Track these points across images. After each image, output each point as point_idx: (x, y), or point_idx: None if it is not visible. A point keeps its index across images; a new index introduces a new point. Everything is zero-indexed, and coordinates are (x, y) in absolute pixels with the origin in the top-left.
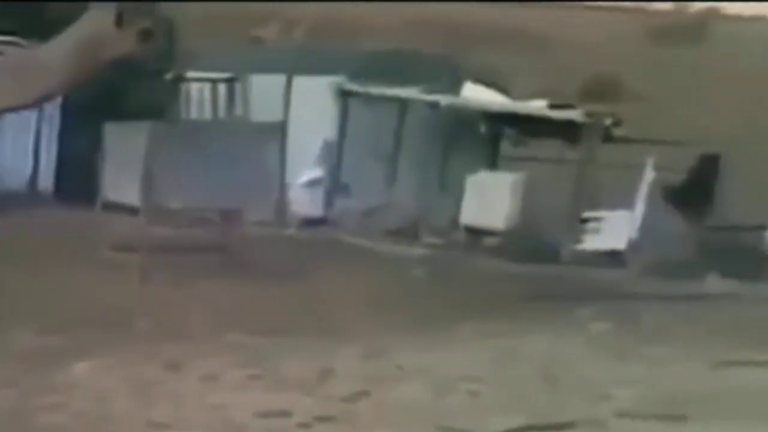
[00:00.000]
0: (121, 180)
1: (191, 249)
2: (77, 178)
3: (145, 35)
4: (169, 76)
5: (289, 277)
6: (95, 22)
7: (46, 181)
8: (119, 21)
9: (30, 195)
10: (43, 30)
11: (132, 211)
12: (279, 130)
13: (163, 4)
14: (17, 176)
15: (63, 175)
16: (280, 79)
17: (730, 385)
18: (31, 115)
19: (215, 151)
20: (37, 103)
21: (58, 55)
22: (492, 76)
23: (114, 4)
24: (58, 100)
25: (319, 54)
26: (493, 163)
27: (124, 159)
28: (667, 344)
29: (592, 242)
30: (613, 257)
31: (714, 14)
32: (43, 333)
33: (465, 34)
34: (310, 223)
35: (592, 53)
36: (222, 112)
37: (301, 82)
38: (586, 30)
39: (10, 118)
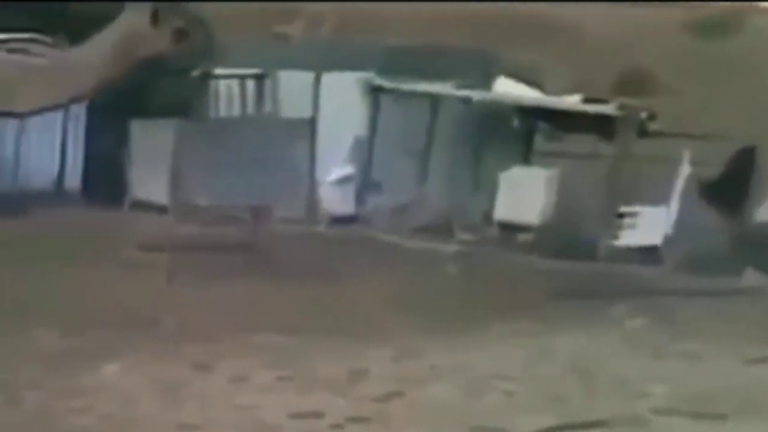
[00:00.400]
0: (148, 178)
1: (220, 247)
2: (104, 176)
3: (180, 35)
4: (196, 73)
5: (319, 275)
6: (131, 22)
7: (73, 180)
8: (155, 20)
9: (57, 194)
10: (67, 27)
11: (160, 209)
12: (308, 127)
13: (191, 3)
14: (44, 175)
15: (90, 174)
16: (308, 75)
17: (766, 382)
18: (57, 114)
19: (244, 148)
20: (73, 102)
21: (96, 55)
22: (525, 70)
23: (149, 4)
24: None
25: (349, 49)
26: (526, 159)
27: (152, 157)
28: (703, 341)
29: (627, 238)
30: (648, 253)
31: (751, 8)
32: (68, 334)
33: (497, 27)
34: (340, 220)
35: (627, 46)
36: (250, 108)
37: (330, 78)
38: (620, 23)
39: (36, 117)
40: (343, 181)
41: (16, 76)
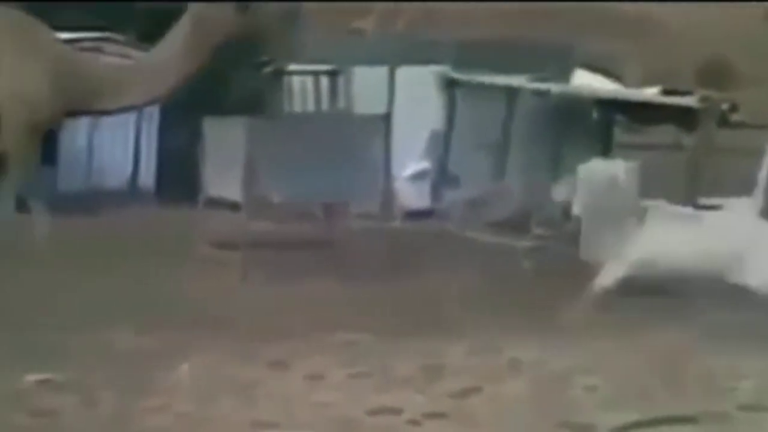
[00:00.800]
0: (222, 176)
1: (294, 245)
2: (177, 174)
3: (241, 8)
4: (269, 69)
5: (394, 271)
6: (195, 11)
7: (147, 178)
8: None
9: (130, 193)
10: (135, 24)
11: (234, 207)
12: (383, 122)
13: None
14: (118, 174)
15: (163, 172)
16: (383, 70)
17: None
18: (131, 113)
19: (318, 144)
20: (156, 101)
21: (172, 52)
22: (603, 62)
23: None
24: None
25: (423, 43)
26: (605, 151)
27: (225, 154)
28: None
29: None
30: None
31: None
32: (143, 333)
33: (574, 19)
34: (416, 215)
35: (708, 36)
36: (325, 105)
37: (405, 73)
38: (700, 12)
39: (109, 116)
40: (418, 176)
41: (107, 76)
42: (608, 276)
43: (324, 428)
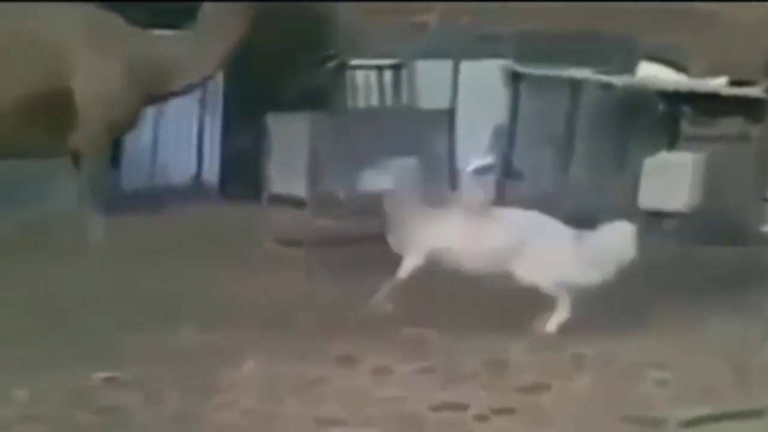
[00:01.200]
0: (286, 172)
1: (359, 240)
2: (241, 171)
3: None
4: (332, 64)
5: None
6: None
7: (210, 174)
8: None
9: (194, 190)
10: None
11: (298, 203)
12: (447, 117)
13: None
14: (181, 171)
15: (227, 168)
16: (446, 64)
17: None
18: (194, 109)
19: (382, 140)
20: (206, 80)
21: (210, 30)
22: (668, 53)
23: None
24: (220, 92)
25: (487, 37)
26: (672, 143)
27: (290, 150)
28: None
29: None
30: None
31: None
32: (208, 330)
33: (638, 11)
34: None
35: None
36: (388, 99)
37: (468, 67)
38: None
39: (172, 112)
40: (483, 170)
41: (171, 54)
42: (404, 267)
43: (390, 425)
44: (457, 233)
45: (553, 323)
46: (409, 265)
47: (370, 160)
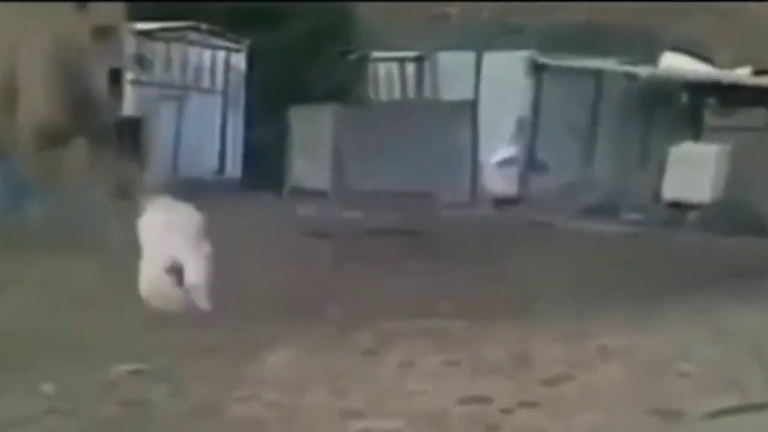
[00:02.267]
0: (309, 164)
1: (383, 233)
2: (264, 163)
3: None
4: (354, 56)
5: (483, 259)
6: None
7: (233, 167)
8: None
9: (217, 182)
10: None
11: (321, 195)
12: (470, 108)
13: None
14: (204, 164)
15: (250, 161)
16: (469, 55)
17: None
18: (216, 102)
19: (405, 132)
20: None
21: None
22: (691, 44)
23: None
24: (242, 86)
25: (510, 28)
26: (696, 135)
27: (312, 143)
28: None
29: None
30: None
31: None
32: (232, 323)
33: (660, 2)
34: (504, 202)
35: None
36: (411, 92)
37: (491, 58)
38: None
39: (194, 105)
40: (506, 162)
41: None
42: None
43: (415, 418)
44: None
45: None
46: None
47: (393, 152)
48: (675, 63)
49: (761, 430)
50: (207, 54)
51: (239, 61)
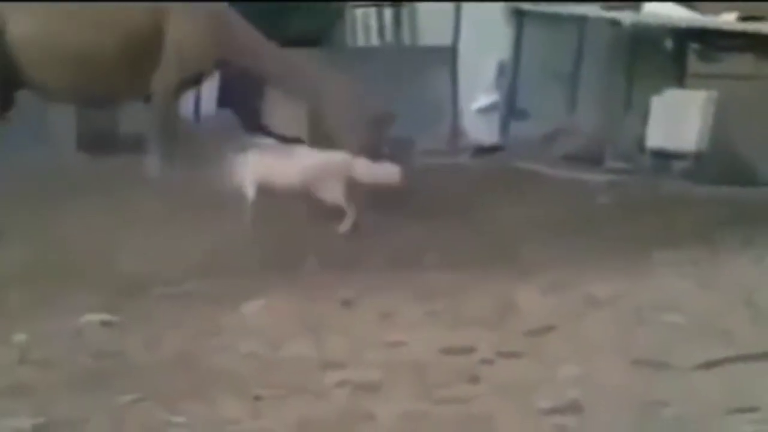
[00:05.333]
0: (285, 112)
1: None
2: (240, 111)
3: None
4: (332, 1)
5: (464, 208)
6: None
7: (208, 114)
8: None
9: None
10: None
11: (299, 142)
12: (449, 55)
13: None
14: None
15: (226, 108)
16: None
17: None
18: None
19: (382, 78)
20: None
21: None
22: None
23: None
24: None
25: None
26: (680, 81)
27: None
28: None
29: None
30: None
31: None
32: (209, 276)
33: None
34: (485, 150)
35: None
36: (389, 37)
37: (471, 4)
38: None
39: None
40: (486, 109)
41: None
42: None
43: (395, 369)
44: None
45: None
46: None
47: (371, 98)
48: (659, 9)
49: (752, 382)
50: None
51: None
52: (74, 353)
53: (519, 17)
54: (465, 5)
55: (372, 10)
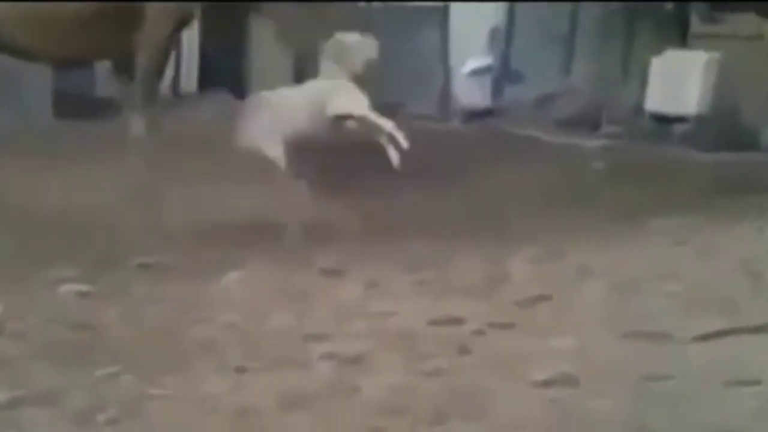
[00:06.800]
0: (270, 75)
1: (349, 148)
2: (223, 75)
3: None
4: None
5: (455, 174)
6: None
7: (189, 80)
8: None
9: (172, 96)
10: None
11: None
12: (441, 15)
13: None
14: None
15: (207, 72)
16: None
17: None
18: None
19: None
20: None
21: None
22: None
23: None
24: None
25: None
26: (681, 42)
27: (273, 52)
28: None
29: None
30: None
31: None
32: (187, 246)
33: None
34: (477, 114)
35: None
36: None
37: None
38: None
39: None
40: (479, 72)
41: None
42: None
43: (382, 340)
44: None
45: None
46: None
47: None
48: None
49: (753, 354)
50: None
51: None
52: (51, 325)
53: None
54: None
55: None
